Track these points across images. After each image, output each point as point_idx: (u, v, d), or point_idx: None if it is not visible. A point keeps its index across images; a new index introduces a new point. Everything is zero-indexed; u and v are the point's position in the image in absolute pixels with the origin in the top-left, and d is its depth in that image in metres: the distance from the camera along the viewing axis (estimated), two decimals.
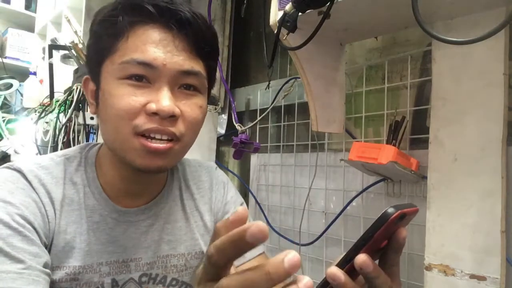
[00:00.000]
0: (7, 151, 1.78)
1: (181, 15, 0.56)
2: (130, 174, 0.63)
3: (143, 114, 0.56)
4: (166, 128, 0.56)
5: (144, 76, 0.56)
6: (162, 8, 0.56)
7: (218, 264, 0.31)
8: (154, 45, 0.56)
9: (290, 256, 0.28)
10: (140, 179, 0.64)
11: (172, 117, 0.56)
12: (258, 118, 1.25)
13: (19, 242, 0.51)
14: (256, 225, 0.29)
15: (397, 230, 0.38)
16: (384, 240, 0.39)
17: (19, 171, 0.59)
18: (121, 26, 0.56)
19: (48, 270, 0.54)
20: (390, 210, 0.35)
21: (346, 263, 0.37)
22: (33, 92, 2.10)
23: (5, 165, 0.60)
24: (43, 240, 0.56)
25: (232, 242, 0.30)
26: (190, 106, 0.59)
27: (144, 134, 0.56)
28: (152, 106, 0.55)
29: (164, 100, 0.55)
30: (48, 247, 0.58)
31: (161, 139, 0.57)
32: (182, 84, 0.59)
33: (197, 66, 0.60)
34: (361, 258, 0.36)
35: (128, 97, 0.55)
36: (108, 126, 0.58)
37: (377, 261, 0.41)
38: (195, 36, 0.58)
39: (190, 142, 0.62)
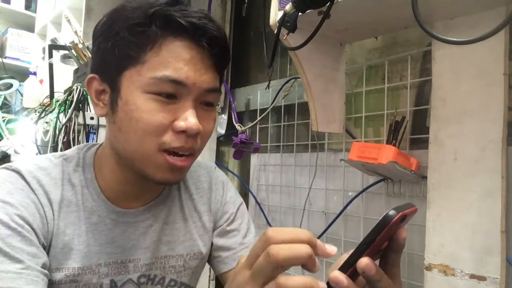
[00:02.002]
0: (7, 151, 1.78)
1: (213, 34, 0.56)
2: (132, 177, 0.62)
3: (170, 131, 0.56)
4: (190, 146, 0.58)
5: (173, 93, 0.56)
6: (196, 24, 0.55)
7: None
8: (185, 63, 0.55)
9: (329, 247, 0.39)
10: (141, 182, 0.64)
11: (196, 134, 0.58)
12: (258, 118, 1.25)
13: (18, 242, 0.51)
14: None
15: (398, 231, 0.38)
16: (385, 242, 0.39)
17: (17, 172, 0.58)
18: (152, 37, 0.55)
19: (46, 271, 0.54)
20: (392, 212, 0.35)
21: (349, 267, 0.37)
22: (33, 92, 2.10)
23: (3, 165, 0.60)
24: (42, 241, 0.56)
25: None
26: (208, 121, 0.60)
27: (168, 150, 0.57)
28: (182, 124, 0.55)
29: (191, 118, 0.56)
30: (47, 249, 0.57)
31: (183, 155, 0.58)
32: (203, 101, 0.59)
33: (218, 83, 0.61)
34: (364, 261, 0.36)
35: (157, 114, 0.55)
36: (130, 138, 0.57)
37: (378, 261, 0.41)
38: (221, 54, 0.59)
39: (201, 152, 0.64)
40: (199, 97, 0.58)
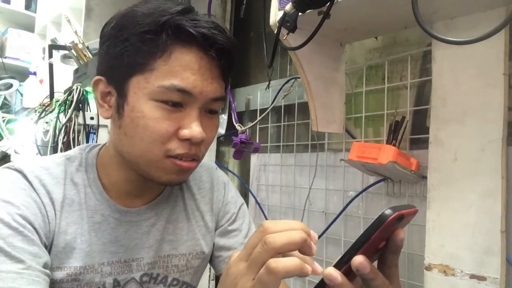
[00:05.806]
0: (7, 151, 1.78)
1: (222, 45, 0.57)
2: (135, 177, 0.63)
3: (175, 139, 0.57)
4: (194, 153, 0.59)
5: (179, 102, 0.57)
6: (206, 35, 0.56)
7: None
8: (193, 72, 0.56)
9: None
10: (144, 182, 0.64)
11: (200, 142, 0.59)
12: (258, 118, 1.25)
13: (20, 242, 0.51)
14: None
15: (395, 231, 0.38)
16: (382, 241, 0.39)
17: (19, 171, 0.59)
18: (162, 45, 0.55)
19: (48, 271, 0.54)
20: (388, 211, 0.35)
21: (343, 264, 0.37)
22: (33, 92, 2.10)
23: (5, 165, 0.60)
24: (43, 240, 0.56)
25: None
26: (211, 128, 0.61)
27: (173, 156, 0.58)
28: (186, 133, 0.57)
29: (196, 126, 0.57)
30: (49, 248, 0.58)
31: (187, 160, 0.59)
32: (208, 108, 0.60)
33: (223, 91, 0.62)
34: (358, 259, 0.36)
35: (163, 122, 0.56)
36: (136, 144, 0.58)
37: (376, 262, 0.41)
38: (229, 64, 0.60)
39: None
40: (204, 106, 0.59)
